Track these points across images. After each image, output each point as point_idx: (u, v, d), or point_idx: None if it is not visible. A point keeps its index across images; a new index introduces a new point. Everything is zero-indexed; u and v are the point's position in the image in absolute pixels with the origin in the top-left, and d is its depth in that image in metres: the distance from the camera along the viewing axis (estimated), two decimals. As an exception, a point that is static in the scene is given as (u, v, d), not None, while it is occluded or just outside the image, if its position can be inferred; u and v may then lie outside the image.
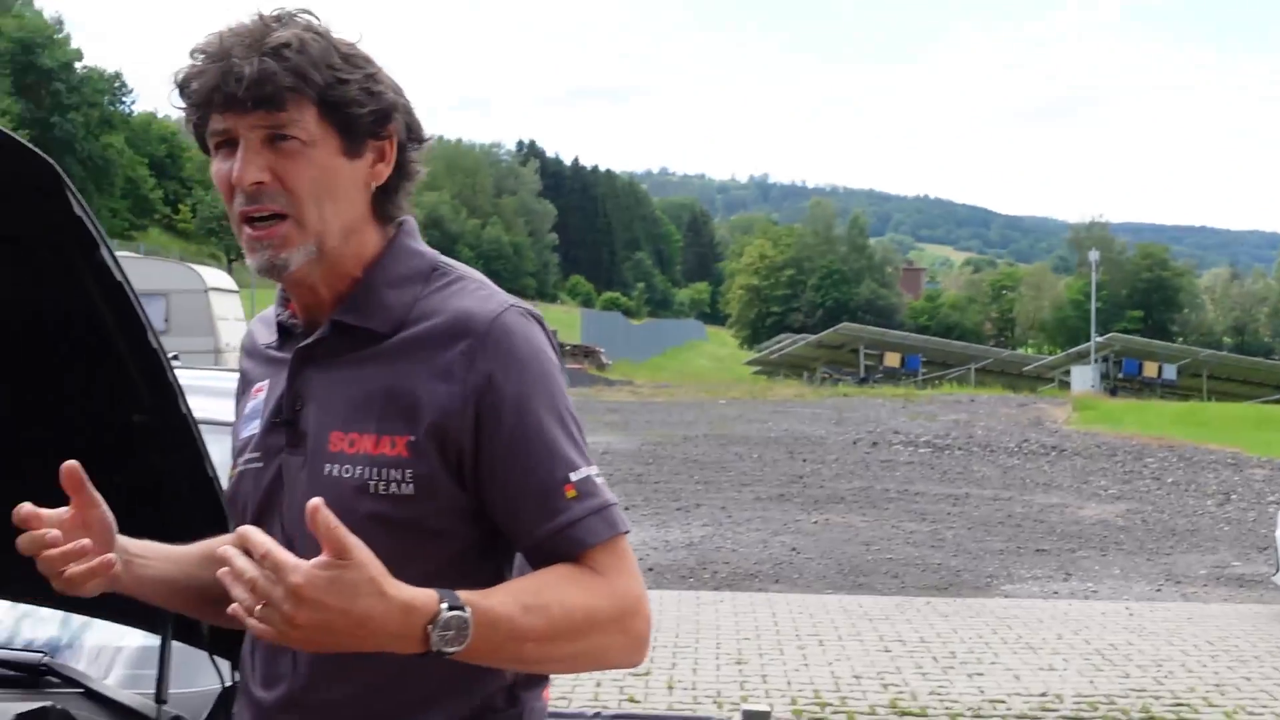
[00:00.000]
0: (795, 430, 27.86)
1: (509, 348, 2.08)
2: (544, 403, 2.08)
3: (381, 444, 2.06)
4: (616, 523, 2.08)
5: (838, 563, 13.58)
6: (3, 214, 2.31)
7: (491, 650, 1.94)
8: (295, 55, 2.01)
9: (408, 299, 2.15)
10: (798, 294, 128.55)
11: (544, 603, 1.97)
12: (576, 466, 2.07)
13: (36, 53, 74.98)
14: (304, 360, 2.19)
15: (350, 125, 2.08)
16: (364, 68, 2.10)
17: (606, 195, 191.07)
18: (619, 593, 2.04)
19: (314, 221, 2.08)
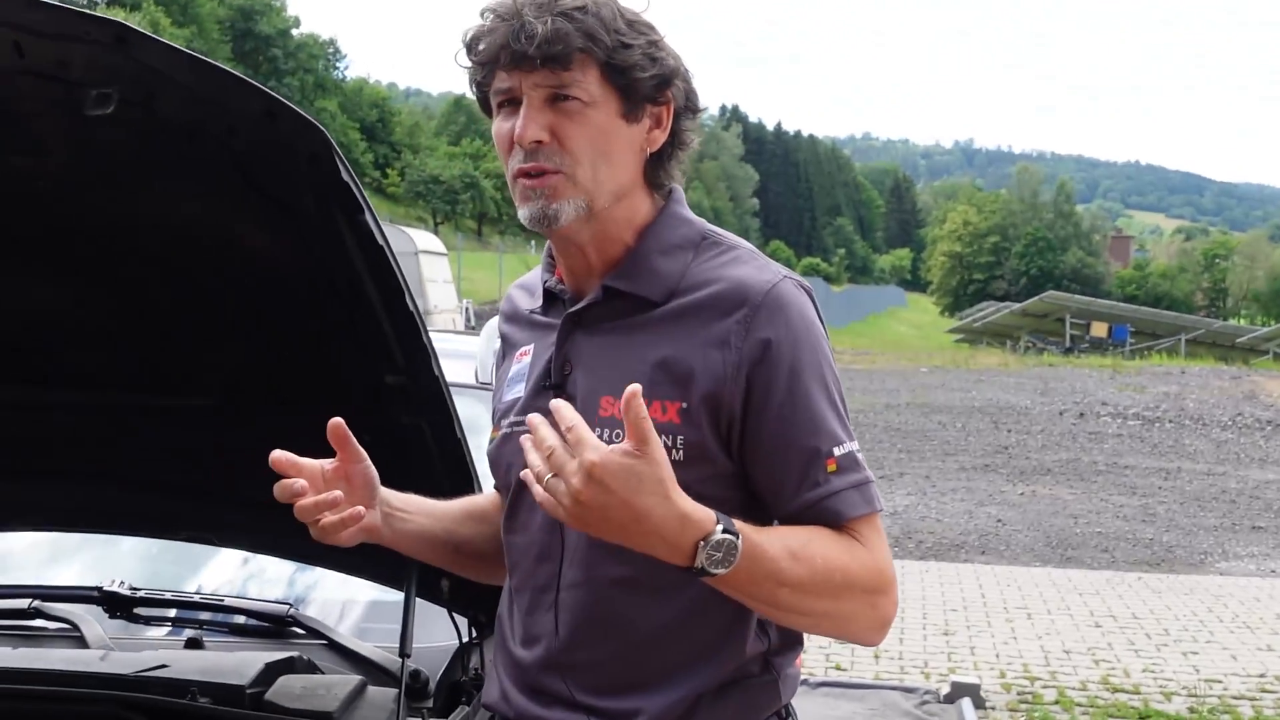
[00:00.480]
0: (999, 400, 27.42)
1: (785, 318, 2.10)
2: (814, 375, 2.11)
3: (653, 409, 2.06)
4: (874, 499, 2.11)
5: (1045, 535, 13.37)
6: (276, 178, 2.40)
7: (751, 584, 1.99)
8: (585, 16, 2.06)
9: (679, 267, 2.18)
10: (1001, 261, 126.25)
11: (810, 554, 2.02)
12: (841, 441, 2.10)
13: (255, 20, 77.05)
14: (573, 325, 2.23)
15: (631, 89, 2.12)
16: (648, 34, 2.14)
17: (808, 160, 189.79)
18: (877, 567, 2.09)
19: (586, 180, 2.12)
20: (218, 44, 72.29)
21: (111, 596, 3.13)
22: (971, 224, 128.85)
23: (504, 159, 2.18)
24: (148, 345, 2.84)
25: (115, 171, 2.48)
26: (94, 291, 2.73)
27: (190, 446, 3.00)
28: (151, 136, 2.35)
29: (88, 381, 2.90)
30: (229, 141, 2.34)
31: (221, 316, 2.75)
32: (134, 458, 3.06)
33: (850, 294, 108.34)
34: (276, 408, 2.90)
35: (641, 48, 2.11)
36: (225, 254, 2.61)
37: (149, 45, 2.20)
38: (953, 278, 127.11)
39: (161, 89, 2.26)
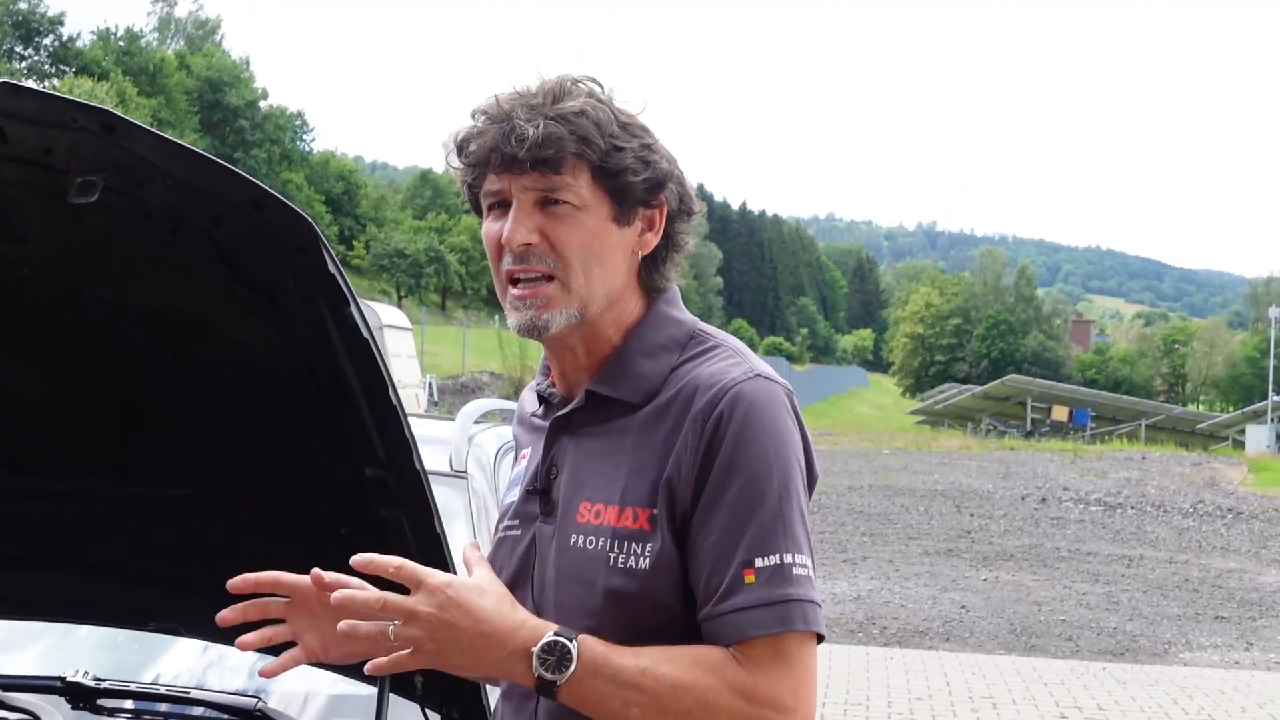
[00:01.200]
0: (961, 483, 27.48)
1: (741, 414, 2.03)
2: (758, 476, 2.01)
3: (624, 516, 2.05)
4: (790, 619, 1.97)
5: (1009, 622, 13.34)
6: (261, 269, 2.36)
7: (597, 698, 1.95)
8: (577, 119, 2.05)
9: (661, 368, 2.14)
10: (963, 343, 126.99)
11: (661, 674, 1.94)
12: (769, 551, 1.98)
13: (223, 91, 77.18)
14: (560, 429, 2.21)
15: (623, 193, 2.10)
16: (641, 137, 2.12)
17: (773, 240, 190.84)
18: (757, 696, 1.95)
19: (579, 286, 2.10)
20: (185, 115, 72.49)
21: (74, 687, 3.06)
22: (934, 306, 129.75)
23: (493, 261, 2.16)
24: (123, 434, 2.79)
25: (98, 259, 2.43)
26: (71, 378, 2.69)
27: (163, 537, 2.94)
28: (136, 225, 2.32)
29: (60, 469, 2.84)
30: (214, 231, 2.31)
31: (200, 407, 2.71)
32: (105, 547, 3.00)
33: (813, 373, 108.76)
34: (253, 499, 2.86)
35: (634, 151, 2.09)
36: (207, 344, 2.57)
37: (136, 134, 2.17)
38: (915, 359, 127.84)
39: (148, 178, 2.23)
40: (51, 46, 73.50)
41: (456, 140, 2.14)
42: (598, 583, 2.06)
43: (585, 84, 2.12)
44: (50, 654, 3.48)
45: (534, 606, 2.14)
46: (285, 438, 2.73)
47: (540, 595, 2.16)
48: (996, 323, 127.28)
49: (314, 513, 2.83)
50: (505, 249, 2.11)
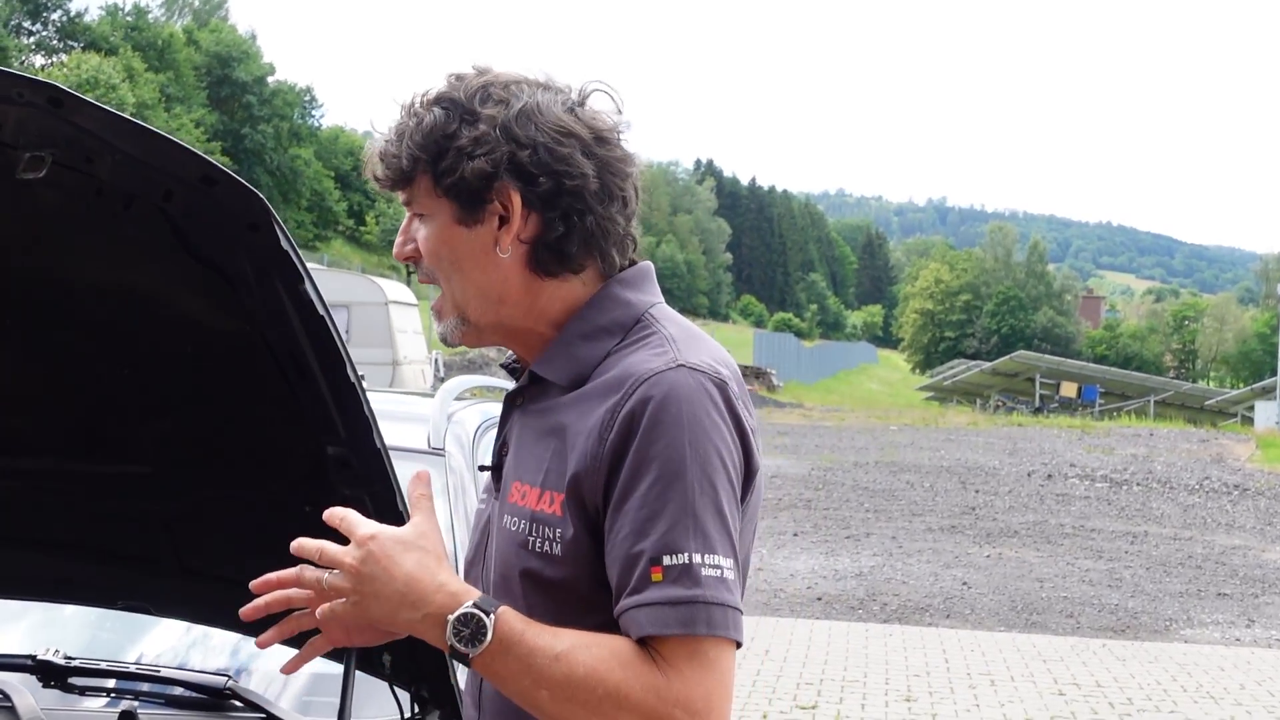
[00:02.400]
0: (968, 459, 27.45)
1: (655, 407, 1.95)
2: (670, 471, 1.92)
3: (543, 499, 2.03)
4: (692, 621, 1.89)
5: (1011, 599, 13.33)
6: (214, 245, 2.35)
7: (508, 675, 1.92)
8: (414, 129, 2.09)
9: (596, 353, 2.09)
10: (973, 319, 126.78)
11: (574, 659, 1.90)
12: (677, 549, 1.90)
13: (232, 66, 77.13)
14: (512, 406, 2.21)
15: (458, 192, 2.08)
16: (477, 128, 2.06)
17: (782, 215, 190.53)
18: (668, 695, 1.88)
19: (450, 292, 2.15)
20: (194, 90, 72.41)
21: (45, 665, 3.05)
22: (944, 282, 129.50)
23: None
24: (81, 411, 2.77)
25: (50, 235, 2.42)
26: (27, 356, 2.67)
27: (125, 514, 2.93)
28: (88, 201, 2.30)
29: (19, 446, 2.83)
30: (166, 207, 2.29)
31: (157, 384, 2.69)
32: (68, 525, 2.99)
33: (822, 350, 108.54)
34: (214, 476, 2.84)
35: (461, 148, 2.05)
36: (162, 321, 2.56)
37: (84, 109, 2.15)
38: (924, 335, 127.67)
39: (97, 153, 2.21)
40: (59, 22, 73.50)
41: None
42: (520, 566, 2.04)
43: (451, 81, 2.11)
44: (27, 634, 3.47)
45: (483, 584, 2.15)
46: (244, 415, 2.72)
47: (485, 574, 2.17)
48: (1006, 299, 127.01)
49: (276, 491, 2.82)
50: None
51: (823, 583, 13.72)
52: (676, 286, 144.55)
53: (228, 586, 3.04)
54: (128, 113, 19.34)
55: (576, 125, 2.09)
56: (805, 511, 18.69)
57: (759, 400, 47.58)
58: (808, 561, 14.92)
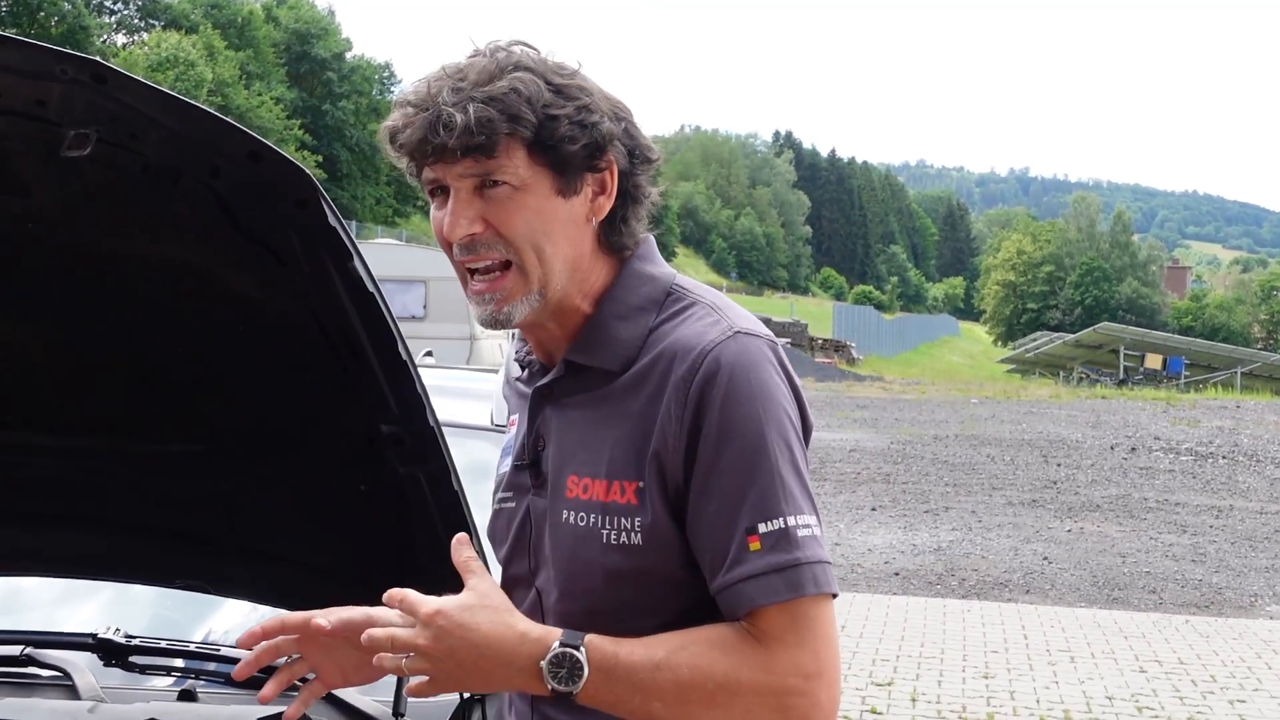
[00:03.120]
0: (1050, 433, 27.16)
1: (725, 378, 1.95)
2: (751, 440, 1.93)
3: (613, 490, 1.99)
4: (800, 584, 1.90)
5: (1092, 574, 13.15)
6: (262, 221, 2.33)
7: (616, 700, 1.91)
8: (506, 96, 1.95)
9: (639, 331, 2.06)
10: (1056, 291, 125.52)
11: (676, 663, 1.89)
12: (772, 515, 1.92)
13: (310, 43, 77.46)
14: (542, 399, 2.14)
15: (563, 163, 1.99)
16: (577, 99, 2.00)
17: (862, 187, 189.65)
18: (778, 666, 1.89)
19: (534, 268, 2.02)
20: (273, 67, 72.86)
21: (106, 644, 3.05)
22: (1026, 253, 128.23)
23: (445, 251, 2.07)
24: (135, 390, 2.77)
25: (100, 213, 2.41)
26: (81, 334, 2.66)
27: (182, 494, 2.92)
28: (136, 179, 2.29)
29: (76, 426, 2.83)
30: (213, 183, 2.27)
31: (210, 362, 2.68)
32: (126, 505, 2.98)
33: (902, 323, 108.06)
34: (269, 455, 2.83)
35: (570, 117, 1.98)
36: (213, 298, 2.54)
37: (128, 85, 2.13)
38: (1006, 307, 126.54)
39: (142, 130, 2.19)
40: (140, 1, 74.14)
41: (387, 132, 2.05)
42: (595, 560, 2.00)
43: (515, 51, 2.01)
44: (90, 613, 3.47)
45: (531, 583, 2.11)
46: (297, 393, 2.70)
47: (538, 570, 2.11)
48: (1090, 269, 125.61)
49: (331, 469, 2.80)
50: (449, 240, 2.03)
51: (900, 558, 13.61)
52: (756, 260, 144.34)
53: (285, 565, 3.04)
54: (205, 90, 19.48)
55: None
56: (884, 486, 18.55)
57: (838, 374, 47.39)
58: (885, 536, 14.80)
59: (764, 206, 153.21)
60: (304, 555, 2.99)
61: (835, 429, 26.39)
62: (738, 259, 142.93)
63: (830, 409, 30.80)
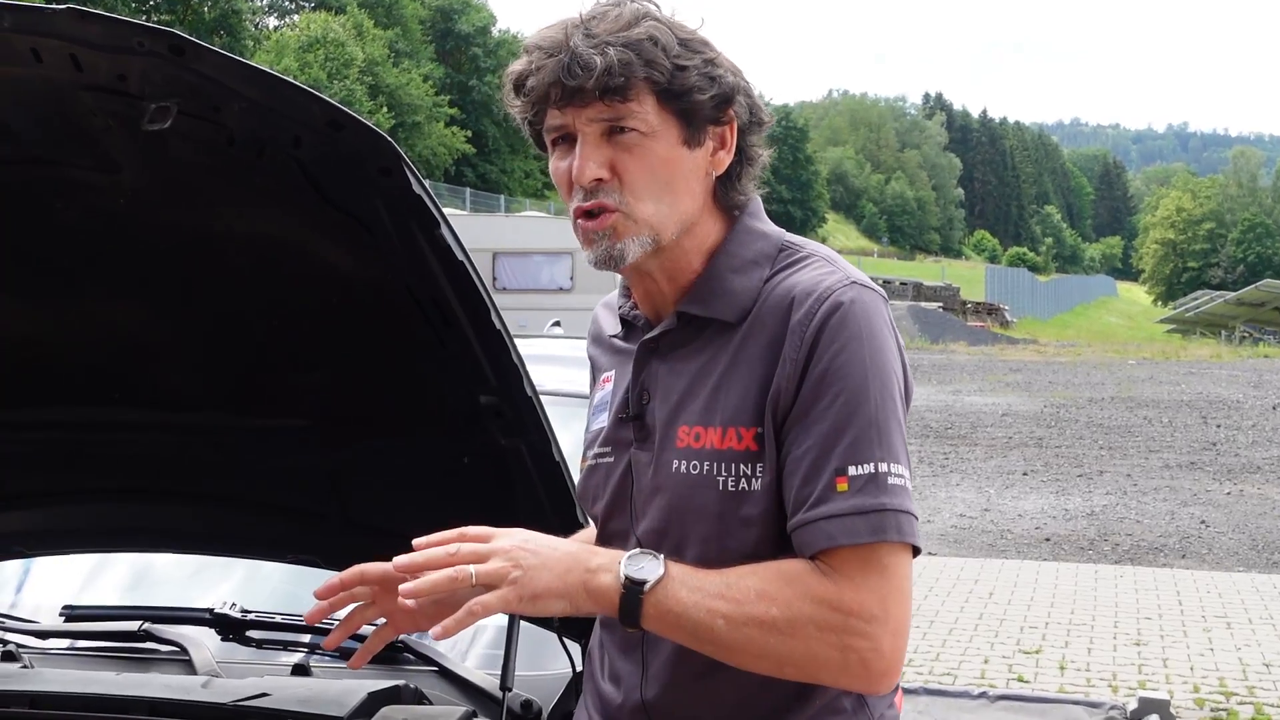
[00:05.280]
0: (1209, 393, 26.55)
1: (837, 323, 1.96)
2: (854, 383, 1.94)
3: (728, 437, 2.00)
4: (883, 529, 1.90)
5: (1251, 538, 12.80)
6: (348, 191, 2.31)
7: (681, 610, 1.90)
8: (640, 42, 1.97)
9: (754, 283, 2.07)
10: (1217, 248, 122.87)
11: (746, 585, 1.90)
12: (864, 459, 1.92)
13: (454, 19, 78.11)
14: (649, 353, 2.15)
15: (691, 113, 2.02)
16: (702, 52, 2.02)
17: (1015, 148, 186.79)
18: (843, 603, 1.89)
19: (649, 215, 2.03)
20: (421, 44, 73.60)
21: (222, 619, 3.07)
22: (1185, 210, 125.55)
23: (565, 198, 2.08)
24: (237, 364, 2.77)
25: (189, 187, 2.41)
26: (177, 310, 2.67)
27: (288, 468, 2.92)
28: (221, 151, 2.28)
29: (180, 402, 2.84)
30: (296, 154, 2.25)
31: (308, 335, 2.67)
32: (234, 480, 2.99)
33: (1057, 284, 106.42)
34: (372, 429, 2.82)
35: (698, 68, 2.00)
36: (306, 270, 2.53)
37: (206, 56, 2.11)
38: (1166, 266, 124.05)
39: (223, 101, 2.18)
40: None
41: (513, 78, 2.07)
42: (709, 508, 2.01)
43: (643, 3, 2.03)
44: (206, 588, 3.50)
45: (633, 535, 2.11)
46: (396, 366, 2.69)
47: (640, 523, 2.11)
48: (1253, 226, 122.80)
49: (433, 442, 2.79)
50: (576, 185, 2.04)
51: (1052, 523, 13.37)
52: (907, 224, 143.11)
53: (392, 539, 3.02)
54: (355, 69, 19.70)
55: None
56: (1036, 450, 18.26)
57: (991, 337, 46.80)
58: (1037, 501, 14.56)
59: (914, 170, 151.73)
60: (410, 528, 2.96)
61: (987, 393, 26.07)
62: (889, 223, 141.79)
63: (982, 373, 30.43)
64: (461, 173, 67.86)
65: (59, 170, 2.40)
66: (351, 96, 54.27)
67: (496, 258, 20.99)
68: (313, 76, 53.12)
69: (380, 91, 60.08)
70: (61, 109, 2.25)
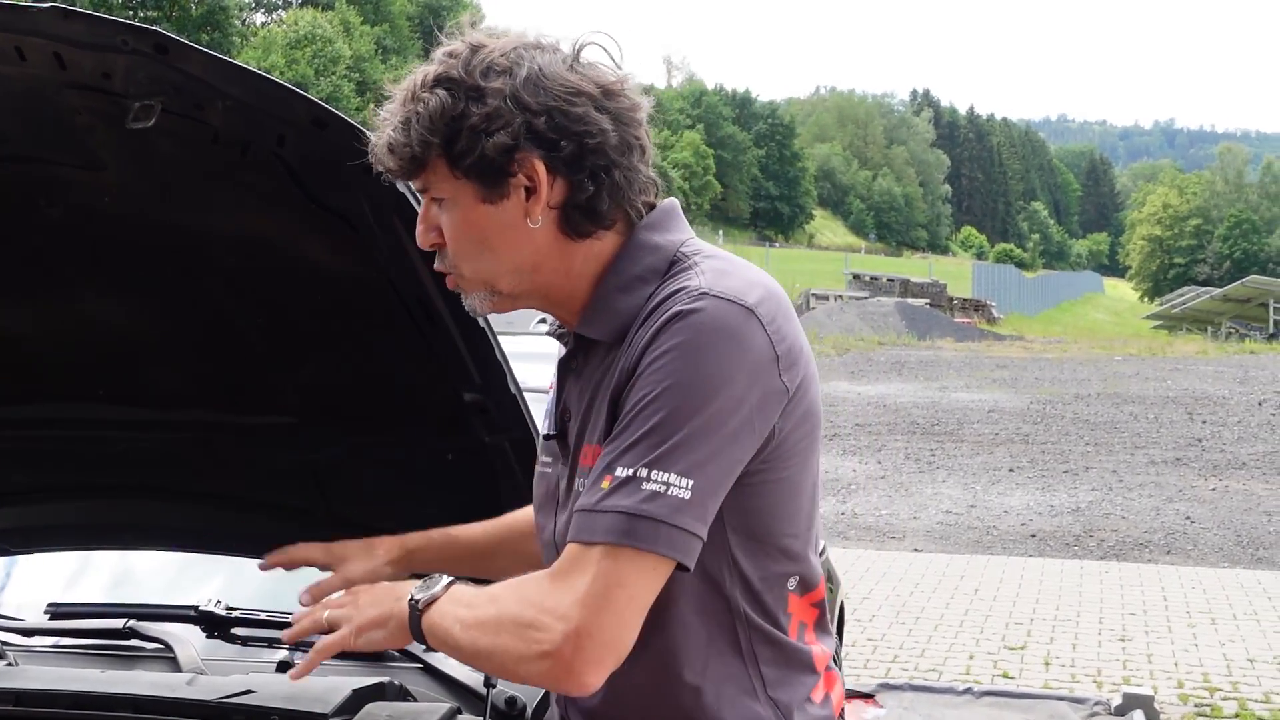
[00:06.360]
0: (1195, 389, 26.58)
1: (667, 333, 1.91)
2: (654, 391, 1.89)
3: (595, 454, 1.99)
4: (610, 530, 1.86)
5: (1236, 534, 12.83)
6: (332, 188, 2.33)
7: (442, 624, 2.00)
8: (420, 116, 1.96)
9: (637, 301, 2.02)
10: (1203, 245, 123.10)
11: (490, 591, 1.99)
12: (631, 464, 1.87)
13: (443, 15, 77.98)
14: (566, 371, 2.16)
15: (477, 171, 1.97)
16: (493, 101, 1.95)
17: (1002, 144, 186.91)
18: (542, 601, 1.89)
19: (472, 274, 2.05)
20: (409, 40, 73.54)
21: (208, 616, 3.07)
22: (1172, 207, 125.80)
23: None
24: (223, 362, 2.79)
25: (174, 185, 2.42)
26: (165, 308, 2.69)
27: (274, 465, 2.94)
28: (206, 149, 2.29)
29: (165, 400, 2.85)
30: (280, 152, 2.27)
31: (293, 333, 2.69)
32: (219, 477, 3.00)
33: (1044, 280, 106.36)
34: (358, 426, 2.83)
35: (474, 125, 1.94)
36: (291, 269, 2.55)
37: (190, 54, 2.12)
38: (1152, 262, 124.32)
39: (207, 100, 2.19)
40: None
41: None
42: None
43: (443, 59, 2.00)
44: (191, 585, 3.50)
45: (554, 549, 2.09)
46: (381, 363, 2.70)
47: (563, 537, 2.06)
48: (1239, 222, 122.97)
49: (419, 440, 2.80)
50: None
51: (1037, 519, 13.39)
52: (894, 220, 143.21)
53: (377, 535, 3.03)
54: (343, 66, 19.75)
55: (583, 83, 1.99)
56: (1022, 446, 18.28)
57: (978, 334, 46.83)
58: (1022, 497, 14.58)
59: (901, 166, 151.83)
60: (395, 525, 2.98)
61: (973, 389, 26.09)
62: (876, 220, 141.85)
63: (969, 369, 30.44)
64: (447, 170, 67.86)
65: (43, 168, 2.41)
66: (338, 93, 54.25)
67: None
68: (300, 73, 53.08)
69: (368, 88, 60.04)
70: (45, 107, 2.26)
